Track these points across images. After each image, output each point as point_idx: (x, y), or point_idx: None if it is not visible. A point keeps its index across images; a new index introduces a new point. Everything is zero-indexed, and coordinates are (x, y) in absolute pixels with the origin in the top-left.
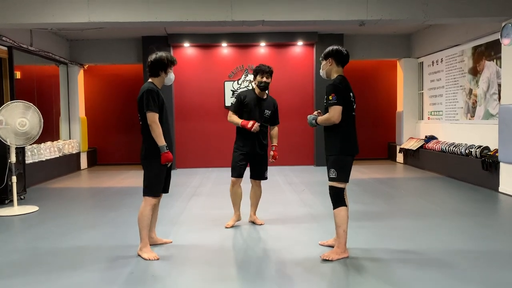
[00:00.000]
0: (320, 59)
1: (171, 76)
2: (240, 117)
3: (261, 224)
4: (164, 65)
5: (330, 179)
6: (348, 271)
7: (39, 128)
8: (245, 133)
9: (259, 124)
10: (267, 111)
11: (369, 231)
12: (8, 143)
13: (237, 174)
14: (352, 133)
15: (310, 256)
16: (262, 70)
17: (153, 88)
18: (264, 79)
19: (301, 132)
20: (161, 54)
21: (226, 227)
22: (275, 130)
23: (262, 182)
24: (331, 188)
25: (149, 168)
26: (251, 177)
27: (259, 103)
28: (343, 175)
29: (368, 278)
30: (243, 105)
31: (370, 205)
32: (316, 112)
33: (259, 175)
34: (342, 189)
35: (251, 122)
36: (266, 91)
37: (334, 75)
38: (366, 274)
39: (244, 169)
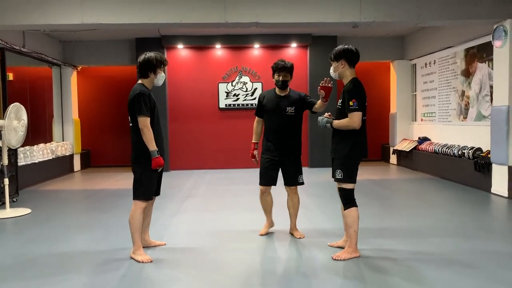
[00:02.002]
0: (329, 59)
1: (161, 76)
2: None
3: (300, 238)
4: (152, 66)
5: (337, 180)
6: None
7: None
8: (269, 133)
9: (254, 157)
10: (290, 108)
11: (367, 231)
12: (13, 146)
13: (265, 181)
14: (363, 137)
15: (309, 257)
16: (278, 68)
17: (144, 91)
18: (281, 77)
19: None
20: (150, 54)
21: (260, 235)
22: (318, 103)
23: (255, 182)
24: (340, 189)
25: (140, 172)
26: (284, 184)
27: (279, 101)
28: (350, 177)
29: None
30: (262, 106)
31: (365, 206)
32: (327, 114)
33: (290, 180)
34: (352, 190)
35: (251, 152)
36: (288, 88)
37: (348, 78)
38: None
39: (274, 175)
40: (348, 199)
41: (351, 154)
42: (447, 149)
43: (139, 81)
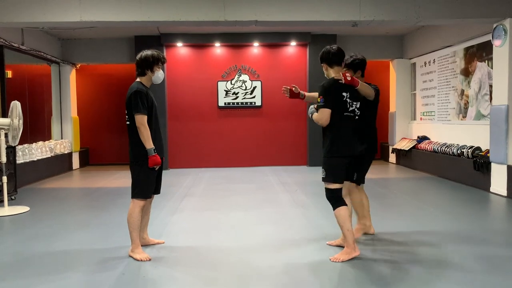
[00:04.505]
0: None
1: (159, 74)
2: None
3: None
4: (149, 63)
5: (322, 179)
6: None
7: None
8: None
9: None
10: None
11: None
12: (14, 144)
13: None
14: (345, 134)
15: (306, 257)
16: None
17: (141, 89)
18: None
19: (294, 132)
20: (147, 52)
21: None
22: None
23: (257, 180)
24: (325, 189)
25: (137, 170)
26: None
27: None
28: (331, 176)
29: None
30: None
31: None
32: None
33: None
34: (336, 190)
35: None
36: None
37: (331, 77)
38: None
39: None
40: (334, 200)
41: (331, 151)
42: (446, 148)
43: (137, 79)
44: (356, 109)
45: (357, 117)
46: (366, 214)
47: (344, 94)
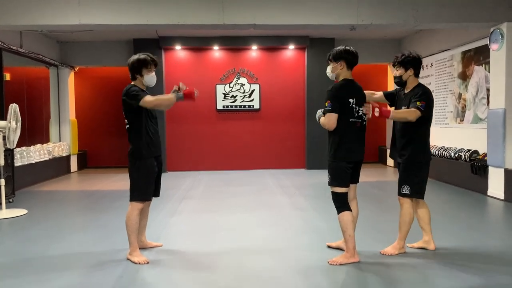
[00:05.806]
0: (328, 59)
1: (150, 77)
2: None
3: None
4: (135, 68)
5: (328, 184)
6: (349, 276)
7: None
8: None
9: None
10: (404, 107)
11: (364, 234)
12: (11, 147)
13: None
14: (349, 140)
15: (304, 260)
16: (392, 63)
17: (133, 85)
18: (393, 72)
19: (293, 136)
20: (134, 57)
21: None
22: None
23: (255, 183)
24: (331, 193)
25: (136, 173)
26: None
27: (398, 100)
28: (336, 180)
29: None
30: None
31: (362, 209)
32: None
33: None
34: (342, 194)
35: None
36: (410, 86)
37: (340, 79)
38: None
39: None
40: (338, 203)
41: (336, 156)
42: (444, 151)
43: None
44: (363, 115)
45: (364, 123)
46: (426, 227)
47: (351, 100)
